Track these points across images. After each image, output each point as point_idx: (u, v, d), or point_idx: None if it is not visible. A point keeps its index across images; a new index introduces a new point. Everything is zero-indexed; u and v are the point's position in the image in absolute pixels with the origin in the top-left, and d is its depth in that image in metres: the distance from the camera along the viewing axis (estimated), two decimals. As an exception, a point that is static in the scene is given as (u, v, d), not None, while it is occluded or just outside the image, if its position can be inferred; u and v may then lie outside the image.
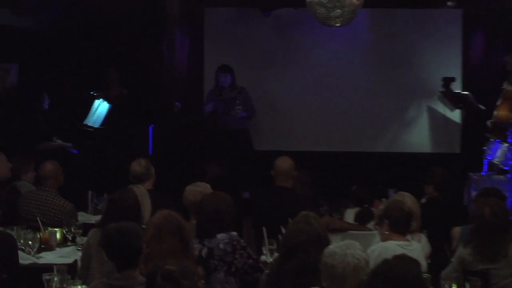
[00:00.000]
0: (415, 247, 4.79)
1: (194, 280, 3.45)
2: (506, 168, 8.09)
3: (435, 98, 9.77)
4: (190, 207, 5.33)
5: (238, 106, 8.98)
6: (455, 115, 9.82)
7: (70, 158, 8.38)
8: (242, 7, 9.86)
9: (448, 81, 9.41)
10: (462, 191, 8.50)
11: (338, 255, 3.67)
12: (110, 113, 8.93)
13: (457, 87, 9.54)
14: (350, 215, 6.59)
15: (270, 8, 9.54)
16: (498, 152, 8.19)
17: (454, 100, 9.45)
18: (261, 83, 9.79)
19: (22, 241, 5.25)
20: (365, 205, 6.63)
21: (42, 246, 5.43)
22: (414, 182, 6.57)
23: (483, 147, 8.43)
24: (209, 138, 9.21)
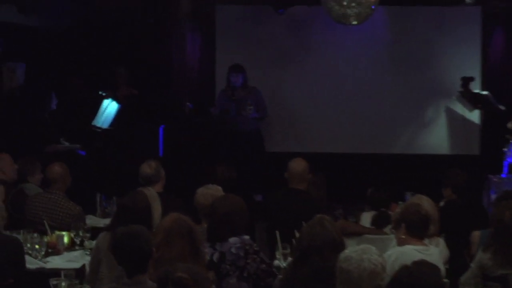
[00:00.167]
0: (433, 252, 4.75)
1: (206, 286, 3.44)
2: (527, 170, 8.10)
3: (454, 98, 9.70)
4: (201, 210, 5.29)
5: (250, 106, 8.96)
6: (474, 116, 9.75)
7: (78, 160, 8.38)
8: (254, 5, 9.84)
9: (467, 80, 9.36)
10: (481, 194, 8.44)
11: (354, 260, 3.63)
12: (119, 113, 8.90)
13: (476, 87, 9.48)
14: (366, 219, 6.52)
15: (283, 5, 9.49)
16: (519, 154, 8.20)
17: (473, 100, 9.40)
18: (274, 83, 9.77)
19: (29, 245, 5.25)
20: (382, 208, 6.51)
21: (49, 250, 5.41)
22: (432, 184, 6.50)
23: (503, 149, 8.38)
24: (220, 139, 9.21)
